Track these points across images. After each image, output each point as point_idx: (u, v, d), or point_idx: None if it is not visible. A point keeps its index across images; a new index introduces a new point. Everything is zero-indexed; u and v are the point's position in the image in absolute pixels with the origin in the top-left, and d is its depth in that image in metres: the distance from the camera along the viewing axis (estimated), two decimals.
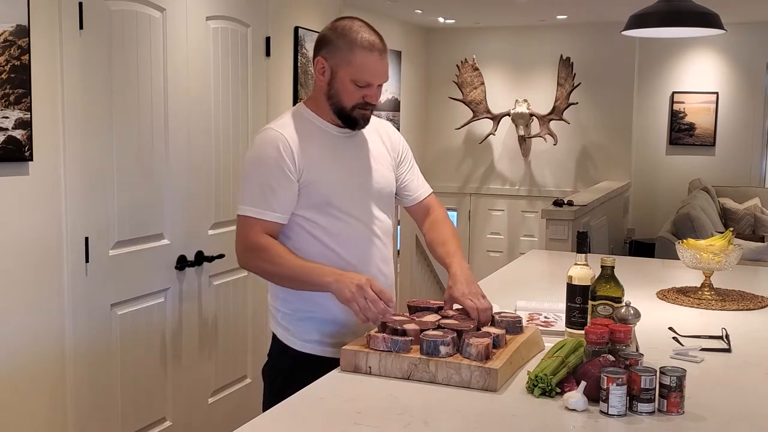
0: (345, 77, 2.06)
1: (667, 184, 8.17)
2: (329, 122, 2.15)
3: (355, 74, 2.05)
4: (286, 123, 2.14)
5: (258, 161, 2.09)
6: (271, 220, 2.05)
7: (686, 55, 8.02)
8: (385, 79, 2.11)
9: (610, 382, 1.62)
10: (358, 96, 2.08)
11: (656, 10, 3.57)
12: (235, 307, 3.61)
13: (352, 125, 2.13)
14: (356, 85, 2.06)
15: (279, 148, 2.05)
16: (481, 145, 8.17)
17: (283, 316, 2.18)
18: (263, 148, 2.09)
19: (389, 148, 2.29)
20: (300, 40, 4.01)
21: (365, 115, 2.12)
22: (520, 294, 2.70)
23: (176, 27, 3.13)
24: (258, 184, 2.06)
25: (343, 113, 2.11)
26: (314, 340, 2.14)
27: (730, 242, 2.80)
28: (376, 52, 2.06)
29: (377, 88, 2.10)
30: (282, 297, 2.18)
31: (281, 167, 2.05)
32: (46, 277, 2.63)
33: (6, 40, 2.40)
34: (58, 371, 2.70)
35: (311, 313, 2.13)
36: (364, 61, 2.05)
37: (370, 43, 2.05)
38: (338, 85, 2.08)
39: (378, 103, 2.15)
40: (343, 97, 2.08)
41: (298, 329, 2.15)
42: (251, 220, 2.06)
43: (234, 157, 3.52)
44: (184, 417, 3.29)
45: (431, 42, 8.38)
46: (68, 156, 2.67)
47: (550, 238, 5.29)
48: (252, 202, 2.06)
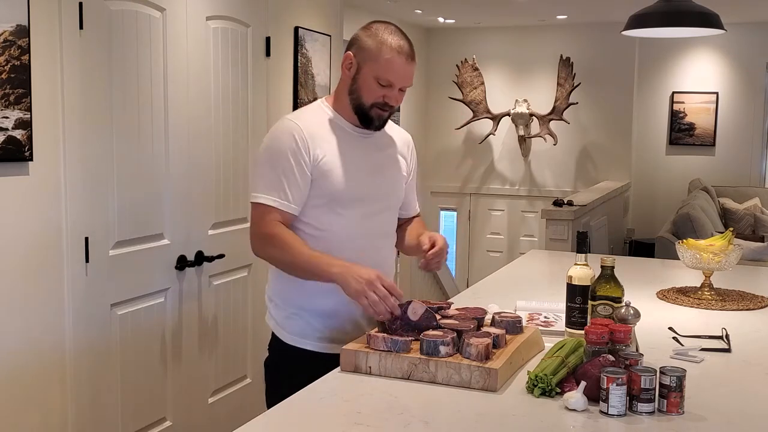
0: (369, 73, 2.10)
1: (667, 184, 8.17)
2: (347, 120, 2.17)
3: (379, 72, 2.08)
4: (304, 115, 2.17)
5: (274, 150, 2.11)
6: (284, 210, 2.07)
7: (686, 55, 8.02)
8: (408, 84, 2.13)
9: (610, 382, 1.62)
10: (379, 95, 2.10)
11: (656, 10, 3.57)
12: (235, 307, 3.61)
13: (368, 123, 2.15)
14: (378, 83, 2.09)
15: (295, 138, 2.08)
16: (481, 145, 8.17)
17: (274, 307, 2.22)
18: (279, 137, 2.11)
19: (408, 159, 2.33)
20: (300, 40, 4.01)
21: (382, 115, 2.14)
22: (520, 294, 2.70)
23: (176, 27, 3.13)
24: (273, 173, 2.08)
25: (361, 110, 2.13)
26: (303, 334, 2.16)
27: (730, 242, 2.80)
28: (403, 55, 2.09)
29: (399, 91, 2.12)
30: (276, 289, 2.21)
31: (296, 157, 2.07)
32: (46, 277, 2.63)
33: (6, 40, 2.40)
34: (58, 371, 2.70)
35: (301, 308, 2.16)
36: (389, 61, 2.08)
37: (399, 45, 2.09)
38: (361, 81, 2.11)
39: (396, 109, 2.18)
40: (363, 93, 2.11)
41: (287, 322, 2.18)
42: (265, 208, 2.08)
43: (234, 157, 3.52)
44: (184, 417, 3.29)
45: (431, 42, 8.38)
46: (68, 156, 2.67)
47: (550, 238, 5.29)
48: (266, 191, 2.08)
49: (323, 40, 4.26)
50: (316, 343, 2.15)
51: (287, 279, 2.14)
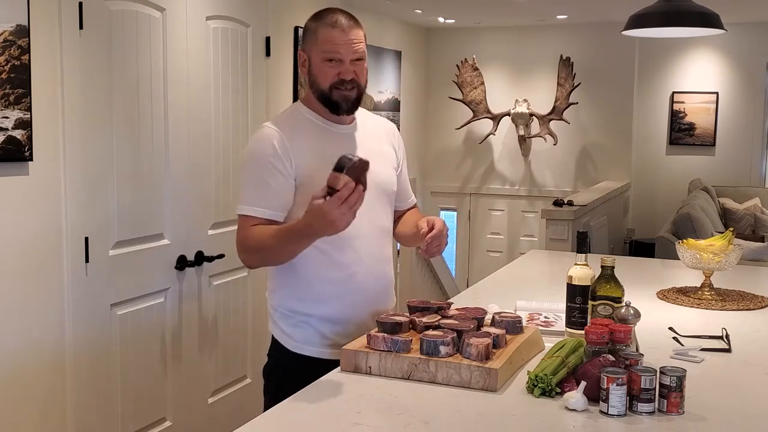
0: (317, 58, 2.09)
1: (667, 184, 8.17)
2: (324, 117, 2.15)
3: (322, 51, 2.07)
4: (282, 120, 2.15)
5: (253, 158, 2.09)
6: (266, 217, 2.04)
7: (686, 55, 8.01)
8: (357, 54, 2.08)
9: (610, 382, 1.62)
10: (333, 74, 2.07)
11: (656, 10, 3.57)
12: (235, 307, 3.61)
13: (336, 109, 2.11)
14: (327, 61, 2.07)
15: (274, 144, 2.05)
16: (481, 145, 8.17)
17: (279, 316, 2.18)
18: (258, 145, 2.09)
19: (396, 148, 2.30)
20: (300, 40, 4.01)
21: (346, 96, 2.09)
22: (520, 294, 2.70)
23: (176, 27, 3.13)
24: (253, 182, 2.06)
25: (324, 96, 2.10)
26: (309, 341, 2.13)
27: (730, 242, 2.80)
28: (338, 27, 2.07)
29: (353, 63, 2.08)
30: (278, 297, 2.17)
31: (275, 163, 2.04)
32: (46, 277, 2.63)
33: (6, 40, 2.40)
34: (58, 371, 2.70)
35: (306, 315, 2.13)
36: (327, 36, 2.06)
37: (333, 20, 2.08)
38: (314, 68, 2.10)
39: (361, 84, 2.11)
40: (319, 78, 2.09)
41: (294, 330, 2.14)
42: (248, 219, 2.05)
43: (234, 157, 3.51)
44: (184, 417, 3.29)
45: (431, 42, 8.38)
46: (68, 156, 2.67)
47: (550, 238, 5.29)
48: (247, 200, 2.07)
49: None
50: (322, 349, 2.12)
51: (292, 288, 2.12)
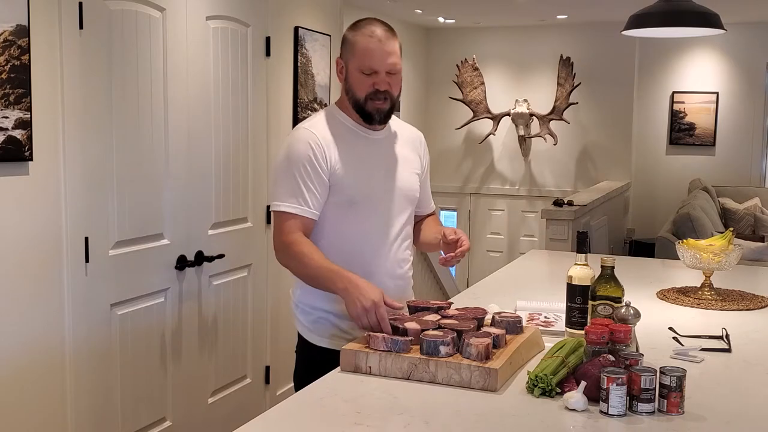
0: (353, 69, 2.16)
1: (667, 184, 8.17)
2: (357, 122, 2.22)
3: (359, 62, 2.14)
4: (318, 122, 2.21)
5: (291, 158, 2.15)
6: (303, 215, 2.12)
7: (686, 55, 8.02)
8: (389, 67, 2.15)
9: (610, 382, 1.62)
10: (368, 84, 2.14)
11: (656, 10, 3.57)
12: (235, 307, 3.61)
13: (369, 119, 2.19)
14: (363, 73, 2.14)
15: (311, 145, 2.13)
16: (481, 145, 8.17)
17: (301, 312, 2.25)
18: (296, 145, 2.16)
19: (421, 155, 2.38)
20: (300, 40, 4.01)
21: (379, 108, 2.17)
22: (520, 294, 2.70)
23: (176, 27, 3.13)
24: (291, 181, 2.13)
25: (359, 105, 2.18)
26: (331, 336, 2.19)
27: (730, 242, 2.80)
28: (375, 39, 2.13)
29: (386, 75, 2.14)
30: (300, 293, 2.24)
31: (314, 164, 2.12)
32: (46, 277, 2.63)
33: (6, 40, 2.40)
34: (58, 371, 2.70)
35: (326, 312, 2.19)
36: (364, 48, 2.13)
37: (371, 31, 2.14)
38: (351, 79, 2.17)
39: (394, 96, 2.18)
40: (355, 88, 2.16)
41: (315, 326, 2.22)
42: (285, 216, 2.12)
43: (234, 157, 3.52)
44: (184, 417, 3.29)
45: (431, 42, 8.38)
46: (68, 156, 2.67)
47: (550, 238, 5.30)
48: (285, 198, 2.13)
49: (323, 40, 4.26)
50: (342, 342, 2.14)
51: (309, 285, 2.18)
